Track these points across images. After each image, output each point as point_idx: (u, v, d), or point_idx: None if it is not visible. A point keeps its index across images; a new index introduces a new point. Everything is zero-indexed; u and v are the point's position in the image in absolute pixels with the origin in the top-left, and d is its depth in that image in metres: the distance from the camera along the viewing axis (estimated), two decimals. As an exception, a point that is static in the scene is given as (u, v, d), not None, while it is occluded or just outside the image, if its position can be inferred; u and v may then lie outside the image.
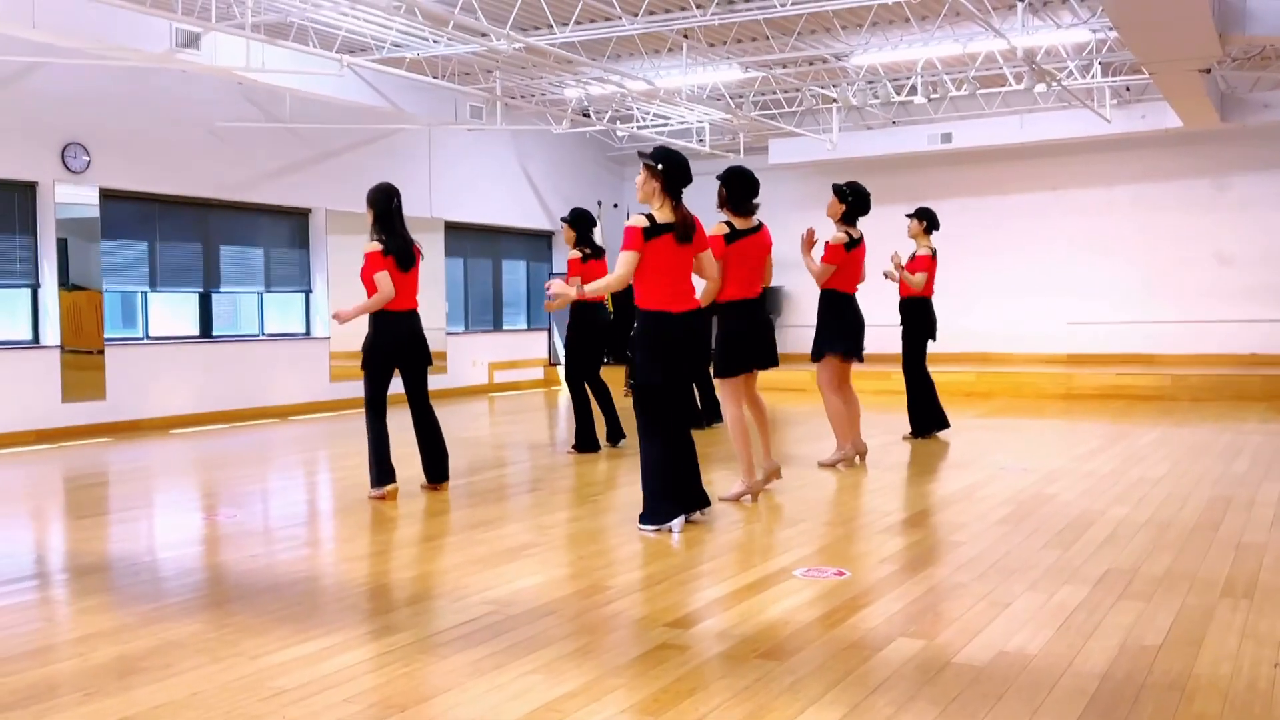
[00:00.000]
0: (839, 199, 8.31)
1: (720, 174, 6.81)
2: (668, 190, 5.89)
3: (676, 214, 5.89)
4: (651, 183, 5.90)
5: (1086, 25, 11.26)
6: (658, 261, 5.84)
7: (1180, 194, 15.97)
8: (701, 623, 4.34)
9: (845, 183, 8.43)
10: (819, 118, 16.19)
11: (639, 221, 5.83)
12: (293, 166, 13.55)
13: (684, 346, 5.97)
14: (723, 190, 6.75)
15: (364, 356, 7.09)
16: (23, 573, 5.54)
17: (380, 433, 7.09)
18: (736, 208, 6.74)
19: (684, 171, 5.93)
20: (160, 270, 12.22)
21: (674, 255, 5.88)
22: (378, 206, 7.11)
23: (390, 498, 7.09)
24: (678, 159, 5.93)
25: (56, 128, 10.97)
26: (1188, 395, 13.56)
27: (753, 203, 6.78)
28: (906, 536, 5.96)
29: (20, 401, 10.62)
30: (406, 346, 7.11)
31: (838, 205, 8.29)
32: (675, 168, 5.89)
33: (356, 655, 3.97)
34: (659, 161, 5.89)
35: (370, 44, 11.49)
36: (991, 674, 3.71)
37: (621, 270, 5.84)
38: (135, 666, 3.87)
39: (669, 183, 5.88)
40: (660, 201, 5.89)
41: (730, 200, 6.74)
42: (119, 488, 8.32)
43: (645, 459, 6.02)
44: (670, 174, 5.87)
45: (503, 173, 16.95)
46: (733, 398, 6.80)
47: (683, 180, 5.92)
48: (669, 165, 5.89)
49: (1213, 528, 6.00)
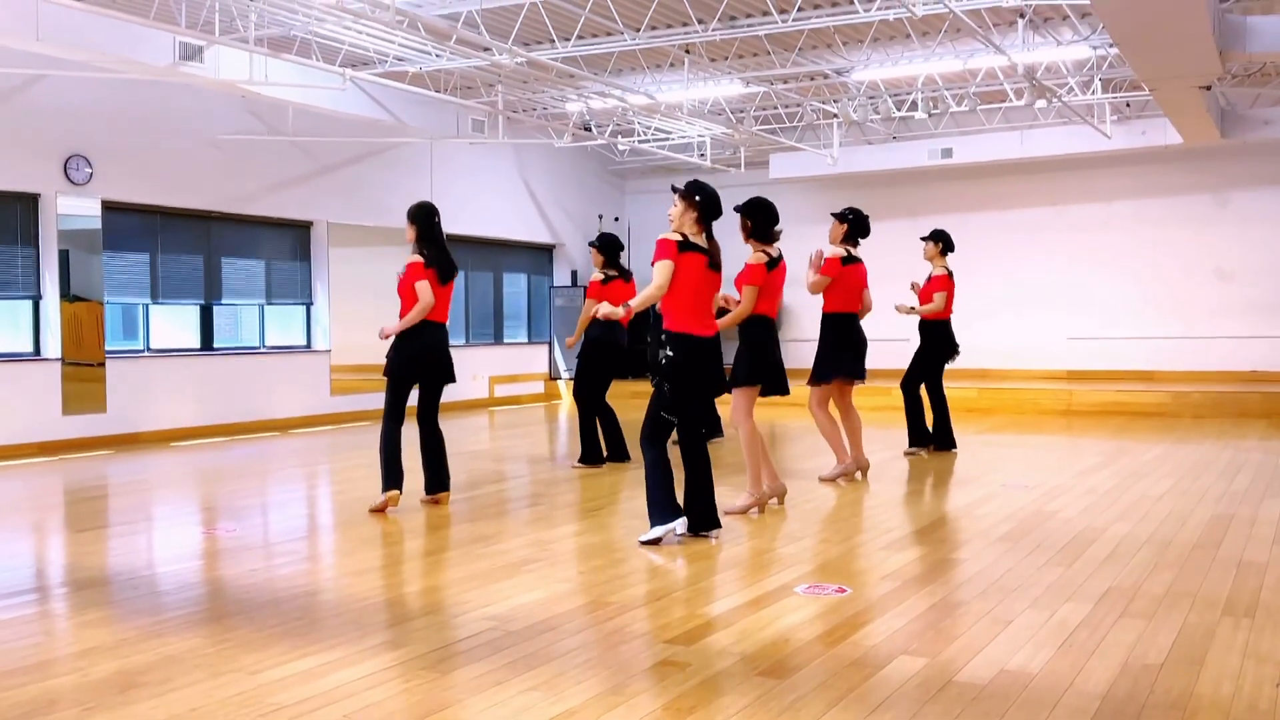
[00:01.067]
0: (840, 220, 8.45)
1: (741, 205, 7.01)
2: (702, 219, 6.08)
3: (710, 244, 6.11)
4: (689, 213, 6.06)
5: (1087, 42, 11.29)
6: (689, 280, 6.00)
7: (1181, 210, 15.99)
8: (703, 639, 4.33)
9: (845, 208, 8.59)
10: (820, 133, 16.22)
11: (672, 235, 6.02)
12: (295, 179, 13.57)
13: (712, 369, 6.16)
14: (748, 221, 6.99)
15: (392, 365, 7.15)
16: (23, 586, 5.53)
17: (395, 438, 7.16)
18: (764, 237, 7.00)
19: (717, 205, 6.12)
20: (161, 282, 12.23)
21: (703, 278, 6.06)
22: (420, 223, 7.22)
23: (392, 503, 7.15)
24: (713, 194, 6.13)
25: (59, 140, 10.99)
26: (1189, 412, 13.55)
27: (776, 230, 7.05)
28: (908, 553, 5.96)
29: (21, 414, 10.62)
30: (436, 359, 7.22)
31: (839, 227, 8.42)
32: (710, 201, 6.09)
33: (356, 671, 3.96)
34: (696, 194, 6.07)
35: (373, 58, 11.53)
36: (993, 692, 3.70)
37: (660, 279, 5.95)
38: (135, 681, 3.86)
39: (704, 214, 6.07)
40: (695, 229, 6.07)
41: (756, 231, 6.99)
42: (119, 501, 8.31)
43: (648, 468, 6.13)
44: (705, 206, 6.06)
45: (504, 186, 16.97)
46: (747, 411, 6.96)
47: (716, 213, 6.11)
48: (704, 198, 6.07)
49: (1214, 546, 5.99)
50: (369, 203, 14.40)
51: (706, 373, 6.14)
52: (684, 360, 6.04)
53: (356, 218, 14.17)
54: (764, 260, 6.98)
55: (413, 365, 7.17)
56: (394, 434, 7.17)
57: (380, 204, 14.48)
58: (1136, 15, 8.08)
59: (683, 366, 6.05)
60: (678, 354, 6.03)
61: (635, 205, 19.23)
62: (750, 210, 7.00)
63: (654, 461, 6.11)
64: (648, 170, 18.92)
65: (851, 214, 8.46)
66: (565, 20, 10.64)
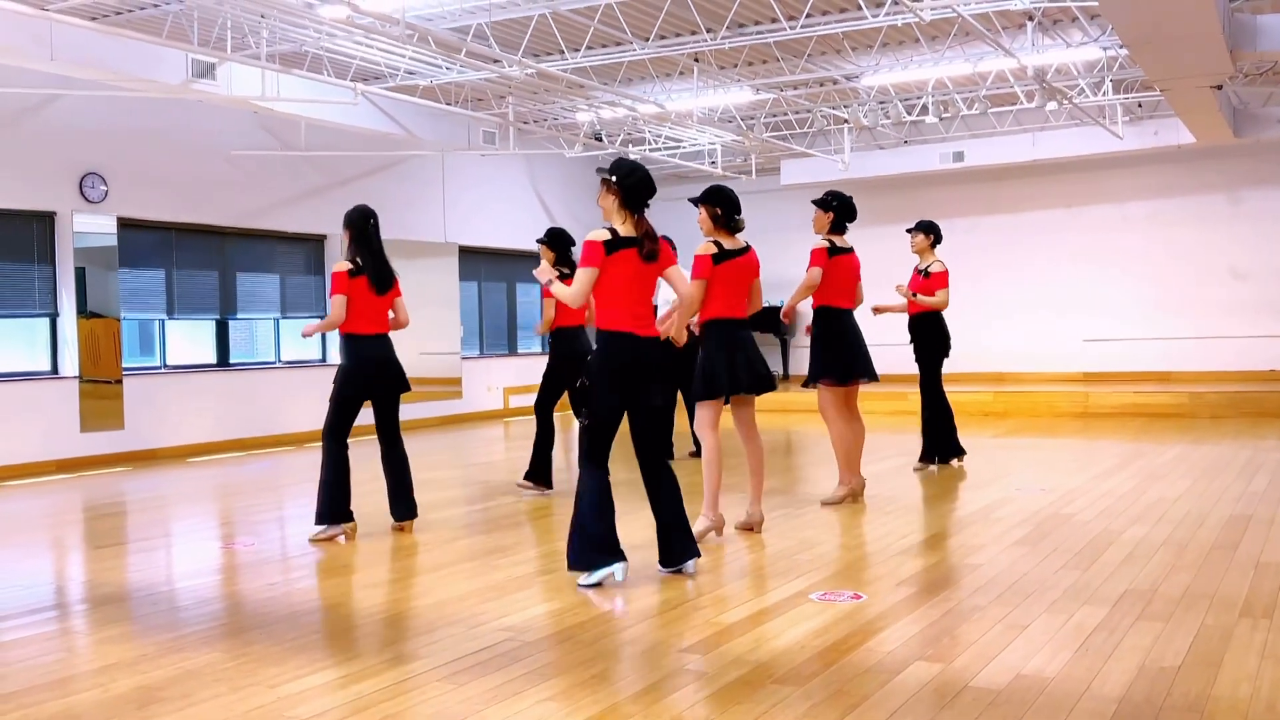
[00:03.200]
0: (823, 209, 7.70)
1: (702, 196, 6.42)
2: (627, 205, 5.44)
3: (639, 229, 5.46)
4: (609, 197, 5.46)
5: (1097, 43, 11.27)
6: (619, 278, 5.38)
7: (1194, 210, 15.94)
8: (717, 648, 4.34)
9: (826, 192, 7.80)
10: (830, 138, 16.23)
11: (600, 235, 5.38)
12: (308, 194, 13.64)
13: (649, 374, 5.44)
14: (716, 210, 6.35)
15: (340, 382, 6.77)
16: (43, 603, 5.57)
17: (342, 462, 6.74)
18: (728, 226, 6.37)
19: (646, 185, 5.49)
20: (177, 298, 12.31)
21: (637, 273, 5.42)
22: (355, 227, 6.86)
23: (350, 536, 6.74)
24: (638, 172, 5.48)
25: (74, 158, 11.08)
26: (1206, 412, 13.49)
27: (738, 219, 6.40)
28: (923, 559, 5.95)
29: (40, 432, 10.70)
30: (383, 374, 6.82)
31: (824, 216, 7.69)
32: (635, 180, 5.44)
33: (374, 684, 3.98)
34: (614, 174, 5.45)
35: (384, 72, 11.60)
36: (1009, 697, 3.70)
37: (579, 287, 5.36)
38: (155, 696, 3.89)
39: (628, 197, 5.43)
40: (621, 217, 5.45)
41: (725, 220, 6.36)
42: (137, 517, 8.37)
43: (583, 495, 5.39)
44: (628, 187, 5.42)
45: (516, 197, 17.02)
46: (711, 424, 6.37)
47: (644, 193, 5.49)
48: (624, 177, 5.43)
49: (1232, 547, 5.97)
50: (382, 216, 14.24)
51: (643, 377, 5.42)
52: (614, 359, 5.39)
53: (370, 231, 14.23)
54: (712, 251, 6.16)
55: (350, 384, 6.75)
56: (342, 459, 6.74)
57: (393, 217, 14.44)
58: (1145, 16, 8.06)
59: (612, 366, 5.38)
60: (610, 353, 5.39)
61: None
62: (714, 199, 6.36)
63: (592, 488, 5.37)
64: (659, 179, 18.87)
65: (835, 200, 7.69)
66: (574, 31, 10.68)
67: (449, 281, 15.22)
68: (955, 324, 9.60)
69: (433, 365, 15.12)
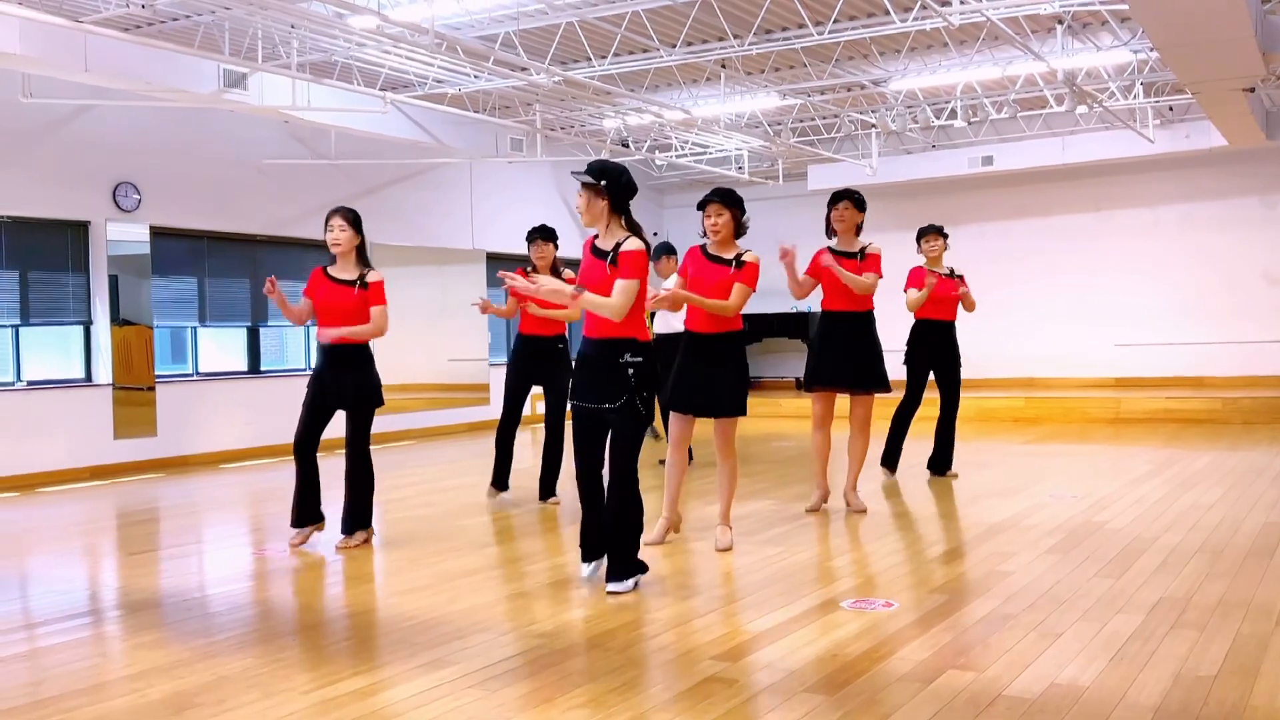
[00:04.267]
0: (859, 207, 7.40)
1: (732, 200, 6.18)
2: (618, 209, 5.23)
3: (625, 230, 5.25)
4: (599, 202, 5.20)
5: (1127, 46, 11.19)
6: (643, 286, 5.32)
7: (1227, 213, 15.77)
8: (749, 655, 4.33)
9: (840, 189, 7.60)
10: (858, 143, 16.19)
11: (638, 245, 5.18)
12: (338, 201, 13.55)
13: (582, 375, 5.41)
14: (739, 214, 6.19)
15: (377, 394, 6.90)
16: (77, 609, 5.62)
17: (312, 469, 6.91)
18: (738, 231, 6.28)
19: (634, 186, 5.29)
20: (209, 305, 12.42)
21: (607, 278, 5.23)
22: (362, 234, 6.90)
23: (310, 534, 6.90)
24: (627, 174, 5.25)
25: (108, 168, 11.20)
26: (1239, 418, 13.35)
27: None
28: (955, 566, 5.92)
29: (74, 438, 10.81)
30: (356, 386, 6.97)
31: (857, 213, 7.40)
32: (627, 182, 5.23)
33: (407, 689, 3.99)
34: (604, 178, 5.17)
35: (413, 81, 11.67)
36: (1043, 706, 3.67)
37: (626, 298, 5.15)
38: (190, 703, 3.92)
39: (621, 200, 5.22)
40: (611, 221, 5.23)
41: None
42: (170, 523, 8.43)
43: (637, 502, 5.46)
44: (620, 191, 5.21)
45: (543, 203, 17.04)
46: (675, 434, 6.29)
47: (633, 195, 5.29)
48: (615, 180, 5.19)
49: (1267, 554, 5.90)
50: (410, 223, 14.54)
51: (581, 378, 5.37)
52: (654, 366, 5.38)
53: (399, 238, 14.30)
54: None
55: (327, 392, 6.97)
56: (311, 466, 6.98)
57: (421, 224, 14.63)
58: (1176, 19, 8.00)
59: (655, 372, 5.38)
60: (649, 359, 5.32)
61: (674, 219, 19.25)
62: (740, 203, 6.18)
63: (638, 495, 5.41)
64: (685, 184, 18.95)
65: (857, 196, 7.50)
66: (602, 39, 10.71)
67: (477, 288, 15.26)
68: (986, 329, 9.60)
69: (461, 372, 15.18)
